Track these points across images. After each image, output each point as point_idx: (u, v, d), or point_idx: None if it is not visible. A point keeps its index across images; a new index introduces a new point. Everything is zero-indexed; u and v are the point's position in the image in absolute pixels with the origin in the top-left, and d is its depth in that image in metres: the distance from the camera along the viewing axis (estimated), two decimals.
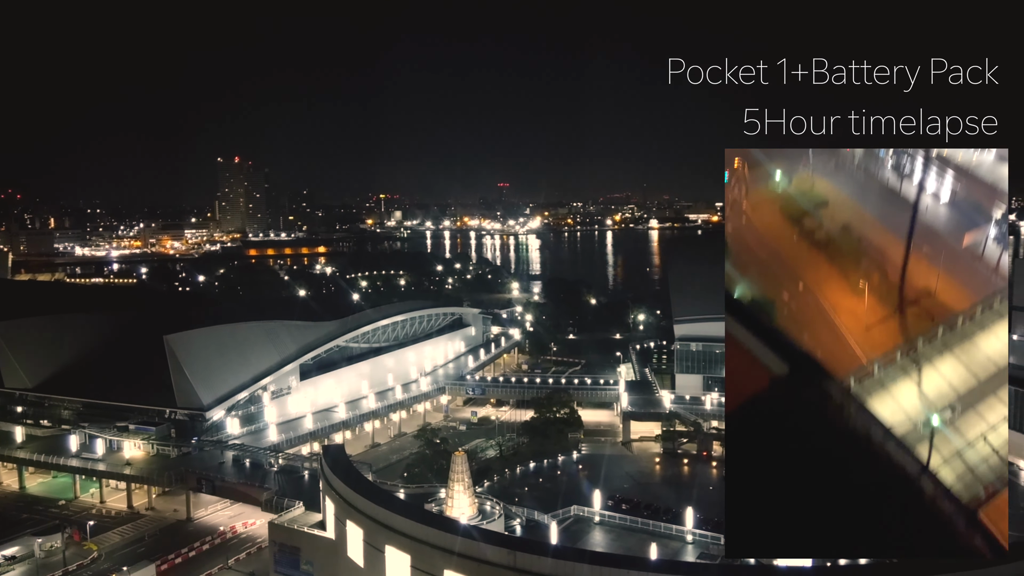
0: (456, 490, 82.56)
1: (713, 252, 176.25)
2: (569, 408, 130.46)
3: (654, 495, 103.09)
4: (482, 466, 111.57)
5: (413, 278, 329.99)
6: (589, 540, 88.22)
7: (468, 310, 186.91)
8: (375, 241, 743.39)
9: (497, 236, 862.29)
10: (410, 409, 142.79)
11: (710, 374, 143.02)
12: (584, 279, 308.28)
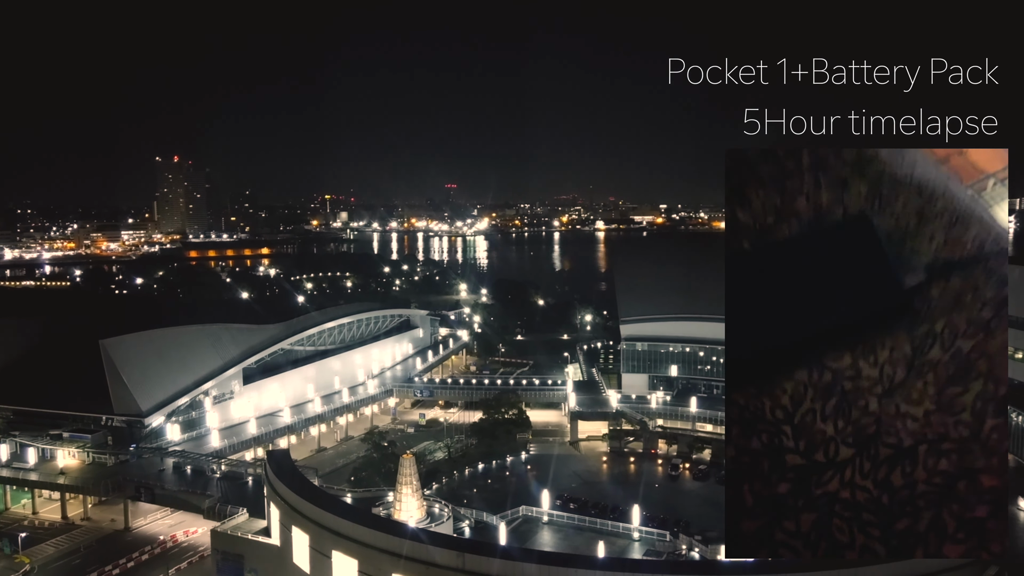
0: (404, 493, 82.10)
1: (657, 254, 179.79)
2: (517, 409, 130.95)
3: (602, 494, 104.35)
4: (431, 468, 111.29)
5: (360, 280, 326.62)
6: (538, 540, 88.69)
7: (416, 312, 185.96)
8: (320, 242, 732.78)
9: (445, 237, 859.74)
10: (357, 412, 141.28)
11: (656, 373, 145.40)
12: (532, 280, 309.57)
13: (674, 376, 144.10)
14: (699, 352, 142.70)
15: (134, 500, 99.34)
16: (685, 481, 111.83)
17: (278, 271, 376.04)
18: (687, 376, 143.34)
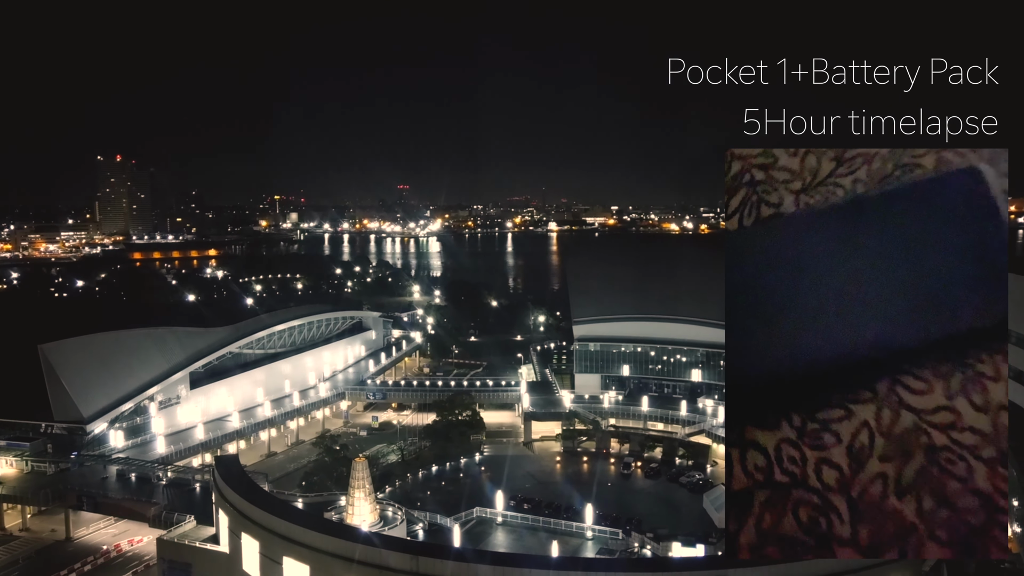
0: (357, 497, 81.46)
1: (609, 254, 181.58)
2: (471, 410, 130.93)
3: (555, 494, 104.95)
4: (384, 471, 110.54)
5: (311, 281, 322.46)
6: (492, 541, 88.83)
7: (368, 313, 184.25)
8: (270, 243, 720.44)
9: (397, 238, 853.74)
10: (308, 416, 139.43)
11: (608, 373, 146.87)
12: (485, 281, 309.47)
13: (626, 376, 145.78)
14: (650, 352, 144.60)
15: (76, 509, 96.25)
16: (637, 479, 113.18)
17: (226, 273, 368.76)
18: (639, 376, 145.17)
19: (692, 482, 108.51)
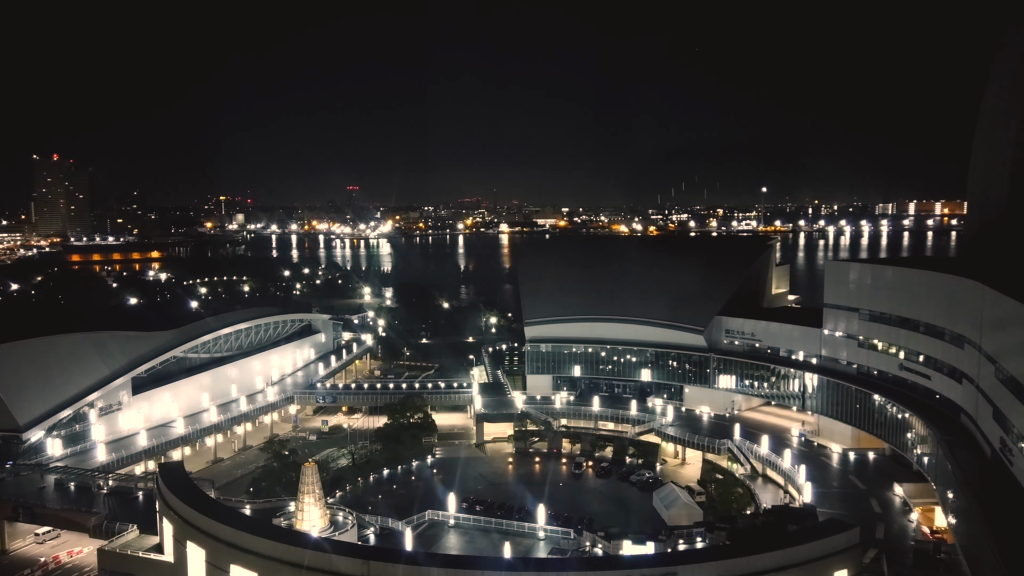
0: (306, 502, 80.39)
1: (560, 256, 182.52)
2: (423, 413, 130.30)
3: (507, 494, 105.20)
4: (334, 476, 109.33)
5: (258, 284, 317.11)
6: (444, 543, 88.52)
7: (317, 316, 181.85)
8: (215, 245, 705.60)
9: (347, 240, 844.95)
10: (256, 421, 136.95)
11: (559, 374, 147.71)
12: (437, 283, 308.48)
13: (577, 376, 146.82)
14: (601, 352, 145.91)
15: (11, 520, 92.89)
16: (588, 479, 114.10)
17: (170, 275, 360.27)
18: (590, 376, 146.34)
19: (642, 480, 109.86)
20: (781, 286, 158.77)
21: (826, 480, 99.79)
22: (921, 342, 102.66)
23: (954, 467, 79.05)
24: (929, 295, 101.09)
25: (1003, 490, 73.05)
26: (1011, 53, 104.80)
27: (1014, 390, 72.39)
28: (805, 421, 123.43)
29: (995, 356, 79.72)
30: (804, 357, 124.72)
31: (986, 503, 69.80)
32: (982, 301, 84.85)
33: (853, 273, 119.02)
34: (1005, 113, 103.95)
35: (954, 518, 78.11)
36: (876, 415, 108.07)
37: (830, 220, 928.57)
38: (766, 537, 73.49)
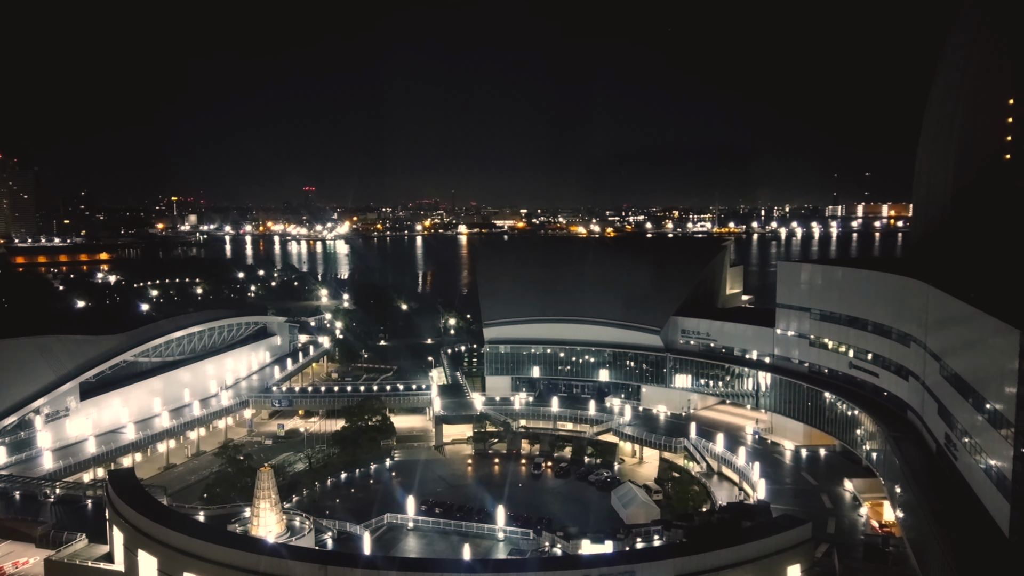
0: (262, 508, 79.23)
1: (519, 257, 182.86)
2: (381, 415, 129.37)
3: (467, 496, 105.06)
4: (291, 481, 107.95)
5: (211, 286, 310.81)
6: (403, 547, 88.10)
7: (273, 318, 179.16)
8: (167, 247, 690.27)
9: (303, 241, 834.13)
10: (210, 426, 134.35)
11: (518, 375, 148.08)
12: (395, 285, 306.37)
13: (536, 377, 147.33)
14: (560, 353, 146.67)
15: None
16: (547, 479, 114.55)
17: (119, 278, 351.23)
18: (549, 377, 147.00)
19: (600, 480, 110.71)
20: (735, 287, 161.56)
21: (779, 477, 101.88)
22: (869, 341, 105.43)
23: (901, 462, 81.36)
24: (877, 295, 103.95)
25: (948, 484, 75.44)
26: (952, 60, 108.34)
27: (958, 387, 74.82)
28: (759, 419, 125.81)
29: (940, 354, 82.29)
30: (757, 356, 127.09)
31: (932, 497, 72.02)
32: (927, 301, 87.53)
33: (804, 274, 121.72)
34: (948, 118, 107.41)
35: (902, 512, 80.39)
36: (827, 412, 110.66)
37: (782, 222, 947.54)
38: (722, 534, 74.61)
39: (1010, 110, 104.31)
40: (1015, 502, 58.38)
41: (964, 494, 71.48)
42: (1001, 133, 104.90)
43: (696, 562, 63.47)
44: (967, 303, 72.77)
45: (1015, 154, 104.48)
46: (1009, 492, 59.79)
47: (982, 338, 69.28)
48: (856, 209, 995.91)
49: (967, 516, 68.05)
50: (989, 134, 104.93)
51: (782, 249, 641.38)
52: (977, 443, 69.05)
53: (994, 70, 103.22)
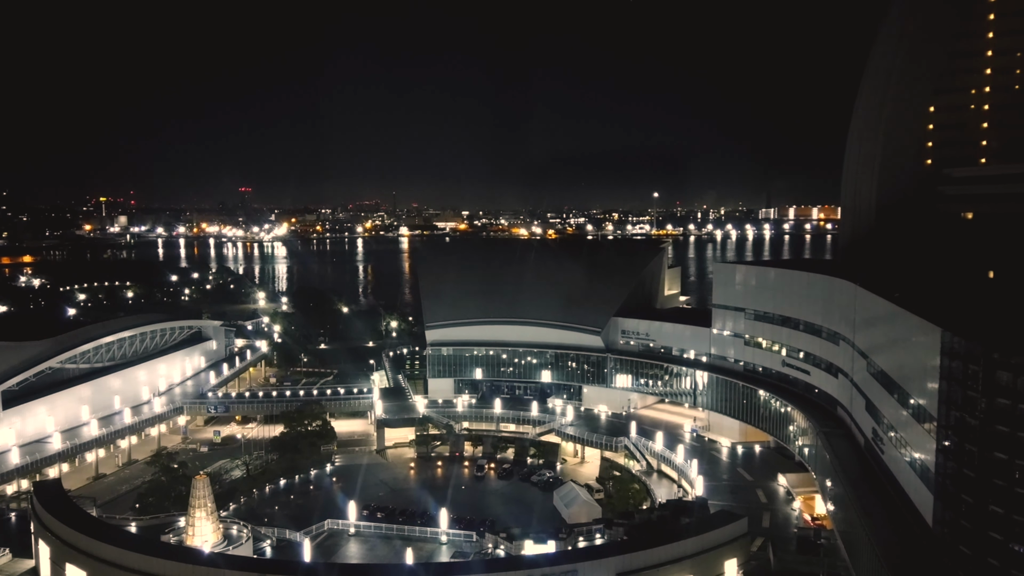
0: (197, 516, 77.31)
1: (461, 259, 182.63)
2: (321, 420, 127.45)
3: (409, 500, 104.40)
4: (228, 488, 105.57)
5: (143, 290, 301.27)
6: (344, 553, 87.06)
7: (208, 323, 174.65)
8: (95, 249, 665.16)
9: (240, 243, 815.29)
10: (142, 433, 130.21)
11: (461, 377, 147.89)
12: (335, 287, 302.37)
13: (479, 379, 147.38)
14: (502, 355, 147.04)
15: None
16: (491, 481, 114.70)
17: (44, 281, 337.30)
18: (491, 378, 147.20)
19: (543, 480, 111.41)
20: (673, 288, 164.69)
21: (716, 473, 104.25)
22: (801, 339, 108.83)
23: (831, 457, 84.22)
24: (808, 295, 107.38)
25: (875, 477, 78.45)
26: (875, 71, 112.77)
27: (884, 383, 77.88)
28: (697, 417, 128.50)
29: (867, 351, 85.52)
30: (695, 356, 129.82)
31: (860, 490, 74.78)
32: (855, 301, 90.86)
33: (739, 275, 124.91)
34: (873, 126, 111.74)
35: (832, 505, 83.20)
36: (761, 410, 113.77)
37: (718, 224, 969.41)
38: (661, 531, 76.06)
39: (931, 117, 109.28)
40: (938, 493, 61.06)
41: (891, 486, 74.43)
42: (923, 139, 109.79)
43: (637, 559, 64.59)
44: (892, 303, 75.82)
45: (936, 159, 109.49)
46: (932, 484, 62.49)
47: (906, 336, 72.27)
48: (788, 212, 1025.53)
49: (893, 507, 70.91)
50: (912, 140, 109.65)
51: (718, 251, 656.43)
52: (902, 437, 71.98)
53: (916, 78, 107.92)
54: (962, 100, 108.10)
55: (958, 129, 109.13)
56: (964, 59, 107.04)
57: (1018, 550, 51.93)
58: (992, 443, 53.66)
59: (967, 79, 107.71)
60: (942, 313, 63.59)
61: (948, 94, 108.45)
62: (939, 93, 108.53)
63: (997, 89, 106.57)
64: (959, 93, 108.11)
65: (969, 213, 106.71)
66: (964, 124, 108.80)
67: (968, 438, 55.95)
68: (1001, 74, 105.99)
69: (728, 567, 69.36)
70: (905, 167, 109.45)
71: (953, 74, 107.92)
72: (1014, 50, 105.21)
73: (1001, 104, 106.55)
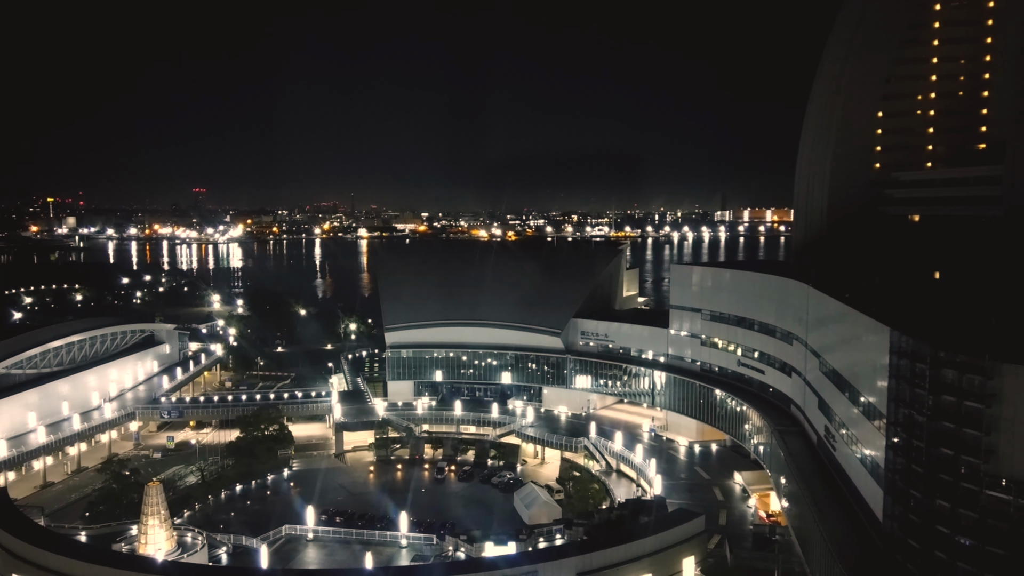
0: (150, 524, 75.75)
1: (420, 261, 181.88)
2: (279, 424, 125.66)
3: (369, 504, 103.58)
4: (182, 495, 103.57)
5: (93, 293, 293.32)
6: (302, 558, 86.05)
7: (161, 326, 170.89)
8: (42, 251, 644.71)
9: (194, 245, 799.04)
10: (92, 440, 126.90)
11: (421, 379, 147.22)
12: (292, 289, 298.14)
13: (439, 381, 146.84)
14: (462, 356, 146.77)
15: None
16: (451, 483, 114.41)
17: None
18: (451, 380, 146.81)
19: (503, 482, 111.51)
20: (631, 289, 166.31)
21: (674, 472, 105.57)
22: (756, 339, 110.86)
23: (785, 454, 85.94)
24: (762, 296, 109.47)
25: (828, 473, 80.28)
26: (825, 76, 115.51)
27: (835, 382, 79.76)
28: (655, 417, 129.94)
29: (819, 351, 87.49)
30: (653, 356, 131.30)
31: (813, 486, 76.45)
32: (807, 301, 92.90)
33: (695, 276, 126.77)
34: (824, 130, 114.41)
35: (787, 502, 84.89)
36: (718, 409, 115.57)
37: (675, 226, 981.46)
38: (620, 530, 76.78)
39: (880, 122, 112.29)
40: (888, 488, 62.72)
41: (843, 483, 76.23)
42: (872, 144, 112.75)
43: (596, 559, 65.11)
44: (843, 303, 77.70)
45: (885, 163, 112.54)
46: (882, 479, 64.18)
47: (857, 336, 74.13)
48: (743, 214, 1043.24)
49: (845, 503, 72.66)
50: (861, 145, 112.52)
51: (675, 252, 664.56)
52: (853, 434, 73.79)
53: (865, 84, 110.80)
54: (909, 106, 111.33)
55: (906, 134, 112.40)
56: (911, 65, 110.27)
57: (964, 543, 53.58)
58: (938, 439, 55.32)
59: (914, 85, 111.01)
60: (891, 313, 65.36)
61: (896, 100, 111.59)
62: (887, 99, 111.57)
63: (942, 95, 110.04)
64: (906, 99, 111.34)
65: (916, 216, 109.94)
66: (911, 129, 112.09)
67: (916, 435, 57.60)
68: (946, 80, 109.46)
69: (686, 565, 70.32)
70: (855, 171, 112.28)
71: (900, 80, 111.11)
72: (958, 57, 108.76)
73: (947, 110, 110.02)
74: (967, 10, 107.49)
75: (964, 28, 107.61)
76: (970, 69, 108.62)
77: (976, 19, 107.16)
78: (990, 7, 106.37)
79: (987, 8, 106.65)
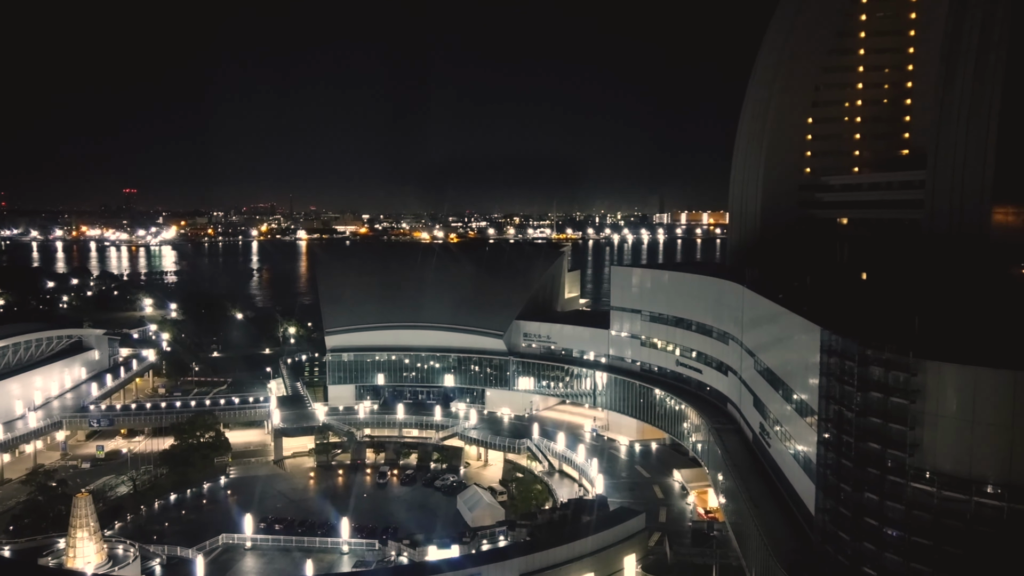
0: (79, 537, 73.15)
1: (361, 263, 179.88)
2: (215, 431, 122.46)
3: (309, 511, 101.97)
4: (113, 506, 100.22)
5: (15, 297, 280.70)
6: (240, 568, 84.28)
7: (89, 331, 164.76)
8: None
9: (124, 247, 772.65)
10: (16, 451, 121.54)
11: (363, 383, 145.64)
12: (229, 293, 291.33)
13: (381, 384, 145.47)
14: (404, 359, 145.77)
15: None
16: (393, 487, 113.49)
17: None
18: (394, 384, 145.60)
19: (446, 485, 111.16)
20: (573, 290, 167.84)
21: (615, 471, 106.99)
22: (693, 340, 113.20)
23: (722, 451, 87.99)
24: (699, 297, 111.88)
25: (763, 469, 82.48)
26: (758, 82, 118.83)
27: (770, 380, 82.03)
28: (596, 417, 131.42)
29: (754, 350, 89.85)
30: (594, 357, 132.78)
31: (749, 482, 78.45)
32: (742, 301, 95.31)
33: (635, 278, 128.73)
34: (757, 136, 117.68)
35: (724, 498, 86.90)
36: (657, 408, 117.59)
37: (615, 228, 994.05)
38: (563, 530, 77.42)
39: (809, 128, 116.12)
40: (819, 483, 64.74)
41: (777, 478, 78.43)
42: (802, 149, 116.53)
43: (539, 559, 65.50)
44: (776, 303, 79.97)
45: (815, 168, 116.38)
46: (814, 474, 66.23)
47: (789, 335, 76.38)
48: (680, 217, 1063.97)
49: (780, 498, 74.77)
50: (792, 149, 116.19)
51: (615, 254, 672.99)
52: (787, 431, 76.00)
53: (796, 90, 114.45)
54: (837, 112, 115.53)
55: (834, 140, 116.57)
56: (839, 73, 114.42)
57: (891, 534, 55.69)
58: (866, 434, 57.40)
59: (841, 92, 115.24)
60: (821, 312, 67.50)
61: (825, 106, 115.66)
62: (817, 105, 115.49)
63: (868, 103, 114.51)
64: (835, 106, 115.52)
65: (844, 218, 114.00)
66: (839, 135, 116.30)
67: (845, 430, 59.62)
68: (872, 88, 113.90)
69: (627, 562, 71.35)
70: (786, 175, 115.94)
71: (829, 87, 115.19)
72: (882, 66, 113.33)
73: (873, 117, 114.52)
74: (891, 20, 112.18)
75: (888, 38, 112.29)
76: (894, 77, 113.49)
77: (899, 29, 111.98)
78: (912, 18, 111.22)
79: (910, 19, 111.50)
